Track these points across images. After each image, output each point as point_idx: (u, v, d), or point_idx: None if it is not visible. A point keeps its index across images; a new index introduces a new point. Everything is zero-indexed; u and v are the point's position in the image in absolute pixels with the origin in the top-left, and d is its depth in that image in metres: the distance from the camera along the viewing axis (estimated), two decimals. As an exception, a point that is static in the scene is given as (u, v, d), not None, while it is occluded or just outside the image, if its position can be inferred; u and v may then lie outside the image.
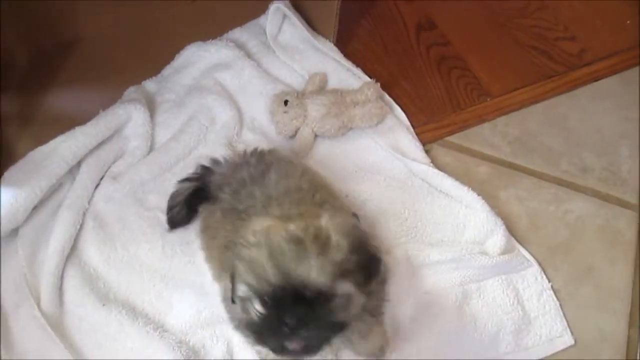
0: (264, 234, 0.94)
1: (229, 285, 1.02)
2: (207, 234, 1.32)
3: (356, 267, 0.94)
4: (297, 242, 0.91)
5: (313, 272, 0.89)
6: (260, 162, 1.31)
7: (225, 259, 1.14)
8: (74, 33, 1.84)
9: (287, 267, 0.90)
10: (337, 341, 1.03)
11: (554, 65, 1.86)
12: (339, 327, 0.97)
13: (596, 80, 1.82)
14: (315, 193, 1.22)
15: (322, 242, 0.92)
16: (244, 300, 0.97)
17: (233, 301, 1.00)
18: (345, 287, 0.93)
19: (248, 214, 1.15)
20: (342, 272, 0.92)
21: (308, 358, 1.02)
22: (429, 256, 1.46)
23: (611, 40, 1.90)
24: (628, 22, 1.95)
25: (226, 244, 1.16)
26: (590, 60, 1.86)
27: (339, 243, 0.93)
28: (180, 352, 1.31)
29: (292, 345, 0.94)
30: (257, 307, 0.94)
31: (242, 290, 0.95)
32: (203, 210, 1.38)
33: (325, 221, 0.96)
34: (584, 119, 1.76)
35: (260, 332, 0.96)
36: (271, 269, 0.91)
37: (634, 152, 1.69)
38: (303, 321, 0.92)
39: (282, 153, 1.44)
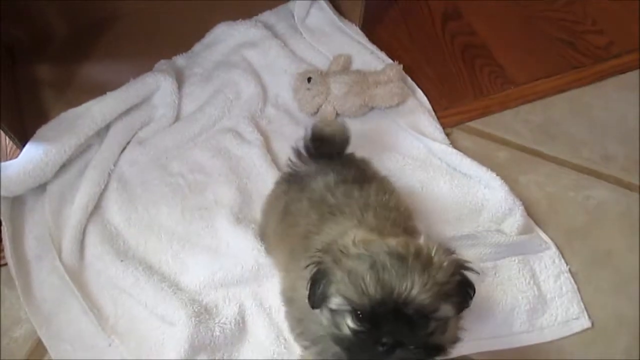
0: (366, 246, 0.91)
1: (303, 292, 0.97)
2: (288, 221, 1.23)
3: (456, 291, 0.91)
4: (400, 258, 0.88)
5: (416, 288, 0.86)
6: (359, 167, 1.27)
7: (301, 248, 1.10)
8: (111, 10, 1.93)
9: (389, 283, 0.86)
10: None
11: (580, 57, 1.86)
12: (435, 351, 0.91)
13: (622, 73, 1.81)
14: (408, 220, 1.17)
15: (424, 261, 0.88)
16: (335, 313, 0.92)
17: (313, 307, 0.96)
18: (447, 309, 0.89)
19: (341, 211, 1.12)
20: (444, 294, 0.88)
21: None
22: (445, 231, 1.46)
23: (638, 34, 1.88)
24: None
25: (306, 234, 1.12)
26: (616, 53, 1.85)
27: (442, 263, 0.90)
28: (193, 309, 1.33)
29: None
30: (351, 323, 0.90)
31: (336, 302, 0.90)
32: (285, 195, 1.29)
33: (424, 241, 0.93)
34: (608, 108, 1.74)
35: (351, 348, 0.91)
36: (373, 283, 0.86)
37: (659, 142, 1.66)
38: (401, 341, 0.87)
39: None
